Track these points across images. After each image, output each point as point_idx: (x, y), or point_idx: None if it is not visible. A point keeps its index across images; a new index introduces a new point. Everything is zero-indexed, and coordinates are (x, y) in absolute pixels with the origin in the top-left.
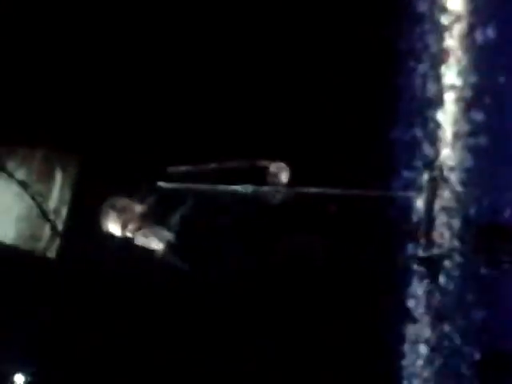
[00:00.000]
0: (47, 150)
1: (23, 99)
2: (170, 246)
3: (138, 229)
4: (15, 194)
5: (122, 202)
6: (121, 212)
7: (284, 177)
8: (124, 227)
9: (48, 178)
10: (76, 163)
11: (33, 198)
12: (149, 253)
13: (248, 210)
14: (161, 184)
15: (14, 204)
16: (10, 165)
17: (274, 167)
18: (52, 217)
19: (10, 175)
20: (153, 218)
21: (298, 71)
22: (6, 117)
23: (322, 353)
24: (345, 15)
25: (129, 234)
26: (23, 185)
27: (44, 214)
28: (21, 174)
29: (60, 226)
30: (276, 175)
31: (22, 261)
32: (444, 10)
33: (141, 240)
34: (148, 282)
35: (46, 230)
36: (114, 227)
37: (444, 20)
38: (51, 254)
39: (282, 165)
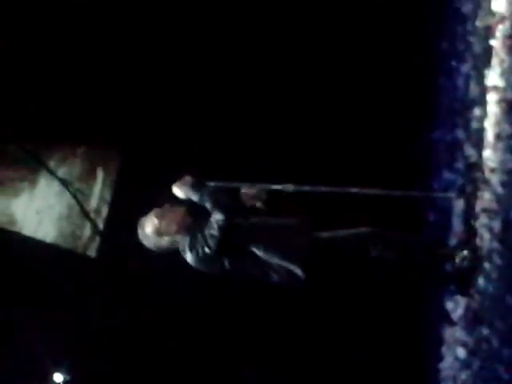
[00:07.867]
0: (88, 148)
1: (65, 97)
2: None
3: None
4: (56, 193)
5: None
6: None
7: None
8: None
9: (89, 176)
10: (117, 162)
11: (74, 197)
12: None
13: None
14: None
15: (56, 203)
16: (52, 163)
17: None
18: (93, 216)
19: (52, 173)
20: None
21: (341, 71)
22: (48, 114)
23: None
24: (388, 16)
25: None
26: (64, 183)
27: (85, 213)
28: (62, 173)
29: (101, 225)
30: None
31: (62, 260)
32: (488, 11)
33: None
34: (189, 281)
35: (87, 229)
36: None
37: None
38: (92, 253)
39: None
